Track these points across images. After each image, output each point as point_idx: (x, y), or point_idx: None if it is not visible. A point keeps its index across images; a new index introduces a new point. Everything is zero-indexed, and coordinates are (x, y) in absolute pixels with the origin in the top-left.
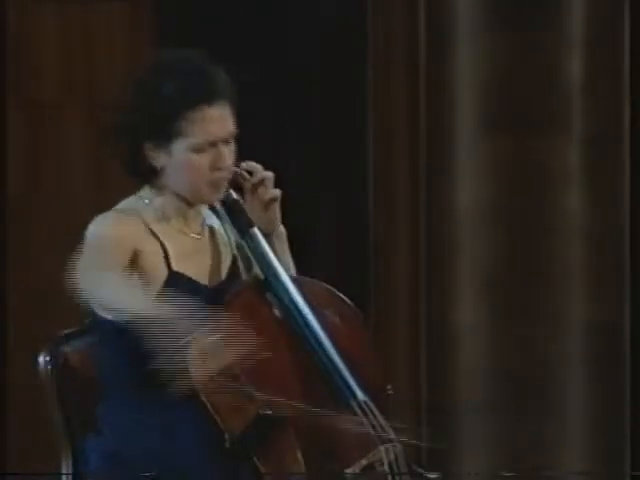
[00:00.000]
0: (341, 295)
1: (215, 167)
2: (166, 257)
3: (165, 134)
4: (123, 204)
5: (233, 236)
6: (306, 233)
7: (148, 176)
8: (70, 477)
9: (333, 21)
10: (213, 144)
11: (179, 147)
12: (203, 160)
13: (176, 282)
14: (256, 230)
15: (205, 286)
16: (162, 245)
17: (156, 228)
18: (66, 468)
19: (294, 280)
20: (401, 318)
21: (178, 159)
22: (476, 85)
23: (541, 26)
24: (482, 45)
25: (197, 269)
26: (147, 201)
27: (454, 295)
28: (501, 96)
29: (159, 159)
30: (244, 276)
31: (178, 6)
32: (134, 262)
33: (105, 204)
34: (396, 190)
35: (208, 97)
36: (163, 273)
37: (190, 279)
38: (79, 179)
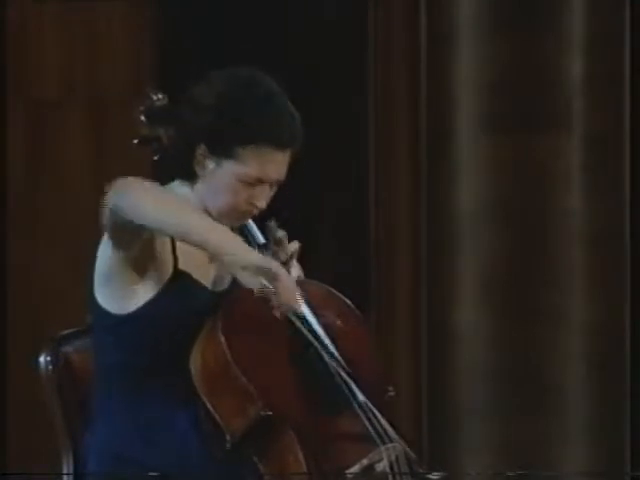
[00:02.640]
0: (342, 296)
1: (250, 202)
2: (174, 254)
3: (225, 149)
4: None
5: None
6: (306, 233)
7: (185, 177)
8: (70, 477)
9: (333, 21)
10: (261, 181)
11: (229, 168)
12: (244, 191)
13: (179, 281)
14: (261, 240)
15: (206, 288)
16: (172, 241)
17: None
18: (66, 468)
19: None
20: (401, 318)
21: (223, 177)
22: (476, 85)
23: (541, 26)
24: (482, 45)
25: (202, 273)
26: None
27: (454, 295)
28: (501, 96)
29: (205, 167)
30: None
31: (179, 5)
32: (150, 244)
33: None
34: (396, 190)
35: (284, 142)
36: (169, 270)
37: (194, 280)
38: (79, 179)
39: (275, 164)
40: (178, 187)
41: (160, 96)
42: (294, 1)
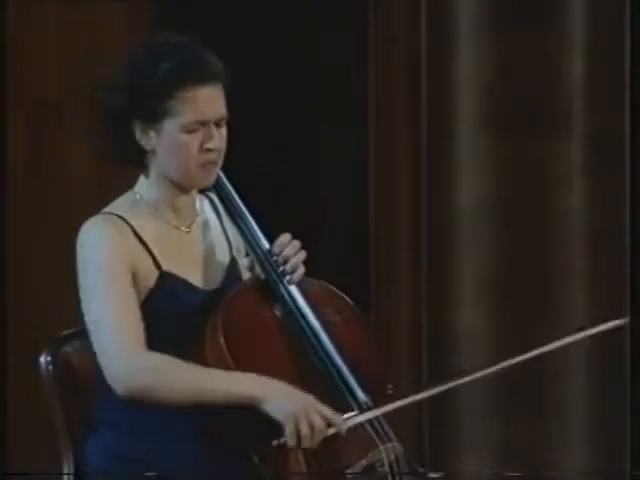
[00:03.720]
0: (342, 294)
1: (205, 148)
2: (154, 259)
3: (155, 113)
4: (112, 206)
5: (233, 237)
6: (306, 233)
7: (137, 160)
8: (71, 477)
9: (333, 21)
10: (203, 124)
11: (169, 127)
12: (193, 141)
13: (166, 283)
14: (258, 231)
15: (197, 288)
16: (147, 249)
17: (142, 228)
18: (67, 468)
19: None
20: (402, 318)
21: (168, 139)
22: (476, 85)
23: (541, 26)
24: (483, 45)
25: (189, 266)
26: (139, 196)
27: (454, 295)
28: (501, 96)
29: (149, 140)
30: (245, 277)
31: (179, 5)
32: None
33: (106, 204)
34: (396, 190)
35: (199, 77)
36: (154, 276)
37: (183, 280)
38: (80, 179)
39: (206, 102)
40: (142, 180)
41: None
42: (294, 1)
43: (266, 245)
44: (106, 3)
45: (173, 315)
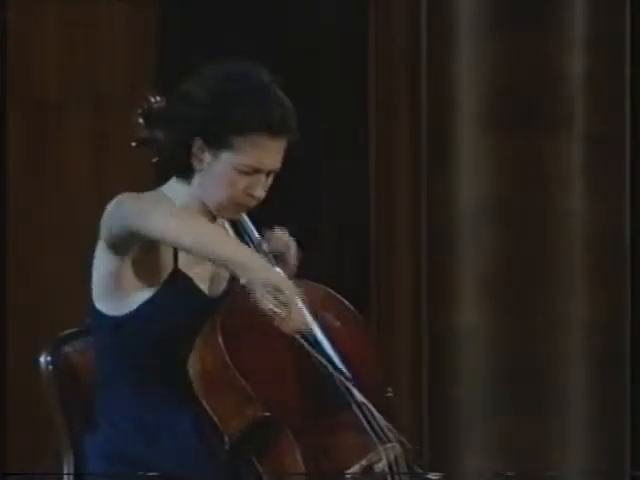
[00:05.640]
0: (340, 297)
1: (248, 192)
2: (175, 253)
3: (221, 140)
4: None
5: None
6: (306, 233)
7: (184, 174)
8: (71, 477)
9: (333, 21)
10: (257, 171)
11: (226, 159)
12: (242, 182)
13: (177, 281)
14: (257, 236)
15: (204, 294)
16: None
17: None
18: (67, 468)
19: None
20: (402, 318)
21: (218, 169)
22: (477, 85)
23: (541, 26)
24: (483, 45)
25: (200, 273)
26: (169, 197)
27: (454, 295)
28: (501, 96)
29: (202, 160)
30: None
31: (179, 5)
32: (150, 249)
33: (106, 204)
34: (396, 190)
35: (274, 128)
36: (169, 267)
37: (193, 284)
38: (80, 179)
39: (270, 152)
40: (175, 184)
41: (158, 98)
42: (294, 1)
43: (257, 236)
44: (106, 3)
45: (176, 314)
